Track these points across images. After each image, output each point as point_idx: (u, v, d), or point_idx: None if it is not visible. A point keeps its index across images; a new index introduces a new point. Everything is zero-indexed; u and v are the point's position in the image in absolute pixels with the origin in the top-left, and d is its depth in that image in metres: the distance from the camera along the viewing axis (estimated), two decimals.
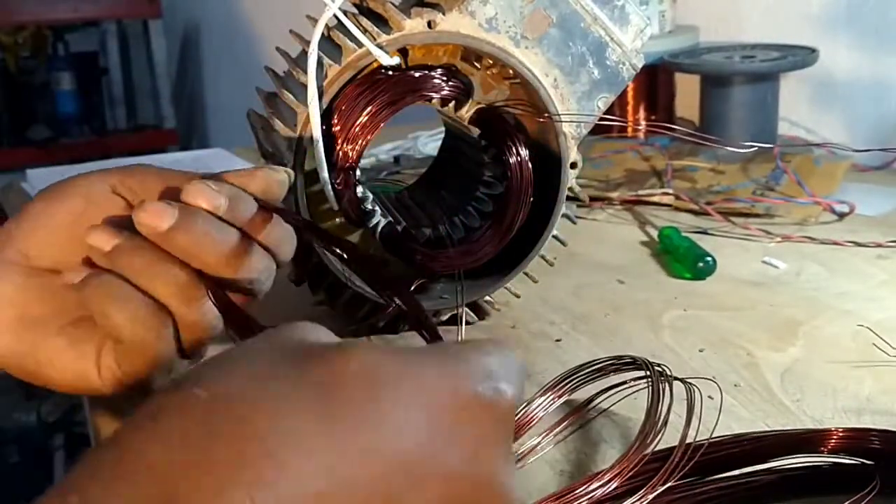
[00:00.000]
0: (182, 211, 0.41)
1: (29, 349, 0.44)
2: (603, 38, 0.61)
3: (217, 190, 0.43)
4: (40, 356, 0.44)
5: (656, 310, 0.67)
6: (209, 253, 0.42)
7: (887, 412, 0.51)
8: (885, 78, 1.06)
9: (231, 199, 0.43)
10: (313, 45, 0.56)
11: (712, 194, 0.89)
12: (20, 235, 0.45)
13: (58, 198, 0.46)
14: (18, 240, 0.45)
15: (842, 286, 0.70)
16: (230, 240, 0.43)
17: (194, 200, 0.42)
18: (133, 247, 0.42)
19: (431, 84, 0.60)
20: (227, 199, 0.43)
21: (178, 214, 0.41)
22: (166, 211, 0.41)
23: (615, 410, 0.53)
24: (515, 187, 0.63)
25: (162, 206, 0.41)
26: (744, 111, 1.04)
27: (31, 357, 0.44)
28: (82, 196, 0.45)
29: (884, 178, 0.96)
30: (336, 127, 0.58)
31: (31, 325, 0.44)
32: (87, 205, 0.45)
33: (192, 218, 0.42)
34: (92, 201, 0.45)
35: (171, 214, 0.41)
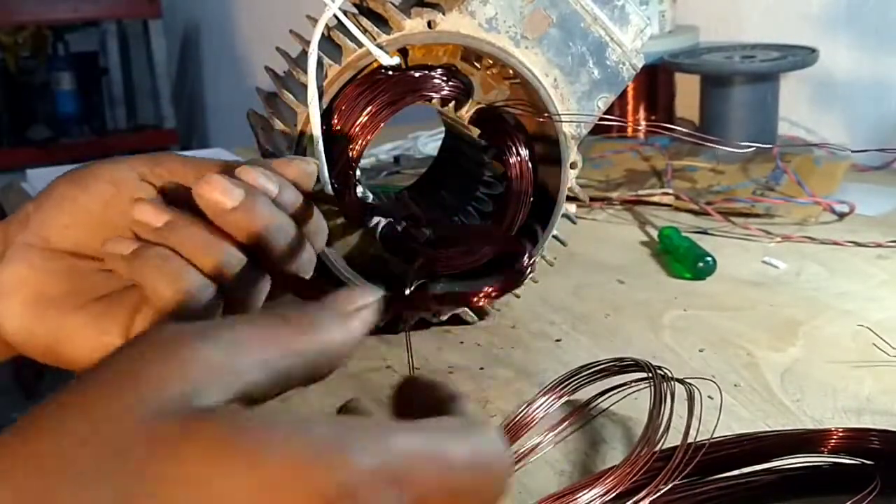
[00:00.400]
0: (246, 190, 0.41)
1: (49, 328, 0.44)
2: (603, 38, 0.61)
3: (267, 176, 0.43)
4: (60, 334, 0.44)
5: (656, 310, 0.67)
6: (272, 236, 0.42)
7: (887, 412, 0.51)
8: (885, 78, 1.06)
9: (280, 186, 0.43)
10: (313, 45, 0.56)
11: (712, 194, 0.89)
12: (40, 219, 0.45)
13: (83, 182, 0.45)
14: (38, 223, 0.45)
15: (842, 286, 0.70)
16: (285, 224, 0.43)
17: (250, 181, 0.42)
18: (186, 222, 0.41)
19: (431, 84, 0.60)
20: (276, 186, 0.43)
21: (242, 193, 0.41)
22: (232, 189, 0.40)
23: (615, 411, 0.53)
24: (515, 187, 0.63)
25: (227, 182, 0.41)
26: (744, 111, 1.04)
27: (50, 335, 0.44)
28: (110, 181, 0.45)
29: (884, 178, 0.96)
30: (336, 127, 0.58)
31: (49, 304, 0.44)
32: (115, 190, 0.44)
33: (255, 198, 0.41)
34: (121, 187, 0.44)
35: (238, 193, 0.41)
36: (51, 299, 0.44)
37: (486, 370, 0.59)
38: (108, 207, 0.44)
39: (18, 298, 0.44)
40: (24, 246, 0.45)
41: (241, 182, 0.42)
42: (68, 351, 0.44)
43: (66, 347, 0.44)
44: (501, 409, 0.54)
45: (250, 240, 0.42)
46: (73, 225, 0.45)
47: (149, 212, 0.42)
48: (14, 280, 0.44)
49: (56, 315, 0.44)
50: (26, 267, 0.44)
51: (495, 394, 0.56)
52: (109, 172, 0.45)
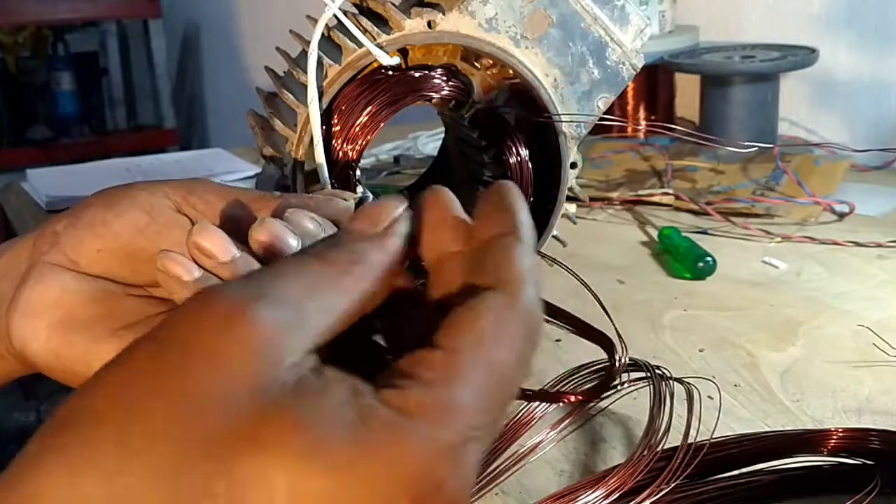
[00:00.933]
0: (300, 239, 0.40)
1: (76, 352, 0.43)
2: (603, 38, 0.61)
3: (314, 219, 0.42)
4: (90, 359, 0.43)
5: (656, 310, 0.67)
6: None
7: (887, 412, 0.51)
8: (885, 78, 1.06)
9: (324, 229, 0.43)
10: (313, 45, 0.56)
11: (712, 194, 0.89)
12: (70, 241, 0.44)
13: (116, 208, 0.44)
14: (68, 245, 0.44)
15: (842, 286, 0.70)
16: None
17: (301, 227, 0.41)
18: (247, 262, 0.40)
19: (431, 84, 0.60)
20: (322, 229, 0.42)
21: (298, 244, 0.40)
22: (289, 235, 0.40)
23: (614, 410, 0.53)
24: None
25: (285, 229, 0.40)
26: (744, 111, 1.04)
27: (79, 361, 0.43)
28: (144, 210, 0.44)
29: (884, 178, 0.96)
30: (336, 127, 0.58)
31: (80, 329, 0.43)
32: (150, 220, 0.44)
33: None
34: (155, 217, 0.44)
35: (295, 242, 0.40)
36: (79, 324, 0.43)
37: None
38: (140, 237, 0.43)
39: (46, 320, 0.43)
40: (54, 266, 0.44)
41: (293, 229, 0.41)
42: None
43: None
44: None
45: None
46: (104, 250, 0.44)
47: (216, 242, 0.40)
48: (42, 301, 0.43)
49: (85, 340, 0.43)
50: (57, 288, 0.43)
51: None
52: (144, 199, 0.44)
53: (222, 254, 0.40)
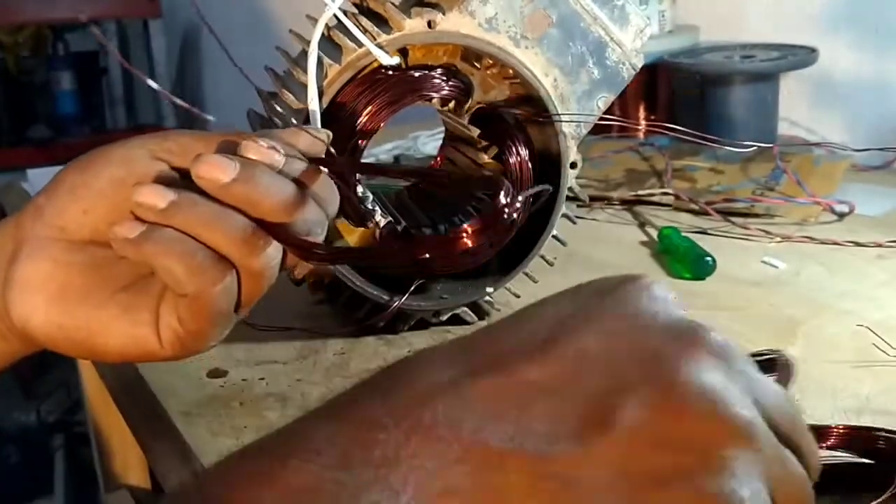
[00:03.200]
0: (242, 163, 0.42)
1: (78, 322, 0.44)
2: (603, 37, 0.61)
3: (272, 145, 0.43)
4: (93, 326, 0.44)
5: None
6: (270, 201, 0.42)
7: (887, 412, 0.51)
8: (885, 78, 1.06)
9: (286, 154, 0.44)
10: (313, 45, 0.56)
11: (712, 194, 0.89)
12: (54, 210, 0.44)
13: (94, 167, 0.45)
14: (52, 214, 0.44)
15: (842, 286, 0.70)
16: (288, 189, 0.43)
17: (252, 154, 0.43)
18: (190, 201, 0.42)
19: (431, 84, 0.60)
20: (282, 155, 0.43)
21: (238, 167, 0.41)
22: (228, 163, 0.41)
23: None
24: (515, 187, 0.63)
25: (222, 158, 0.41)
26: (744, 111, 1.04)
27: (82, 329, 0.44)
28: (121, 163, 0.44)
29: (884, 178, 0.96)
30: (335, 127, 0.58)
31: (78, 298, 0.44)
32: (128, 171, 0.44)
33: (252, 169, 0.42)
34: (132, 167, 0.44)
35: (233, 167, 0.41)
36: (77, 293, 0.44)
37: None
38: (122, 189, 0.43)
39: (43, 294, 0.44)
40: (42, 239, 0.44)
41: (236, 157, 0.42)
42: (101, 344, 0.44)
43: (100, 340, 0.44)
44: None
45: (254, 209, 0.42)
46: (90, 210, 0.44)
47: (150, 194, 0.42)
48: (37, 276, 0.44)
49: (84, 309, 0.44)
50: (48, 261, 0.44)
51: None
52: (119, 153, 0.45)
53: (159, 201, 0.41)
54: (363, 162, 0.52)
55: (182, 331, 0.44)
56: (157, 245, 0.41)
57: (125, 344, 0.44)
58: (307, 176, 0.45)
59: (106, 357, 0.45)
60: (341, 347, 0.62)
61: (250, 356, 0.62)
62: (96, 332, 0.44)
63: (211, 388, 0.58)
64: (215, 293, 0.42)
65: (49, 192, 0.45)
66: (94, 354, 0.45)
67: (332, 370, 0.60)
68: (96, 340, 0.44)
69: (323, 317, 0.65)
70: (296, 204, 0.43)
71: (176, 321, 0.43)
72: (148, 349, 0.44)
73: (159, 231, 0.42)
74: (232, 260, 0.42)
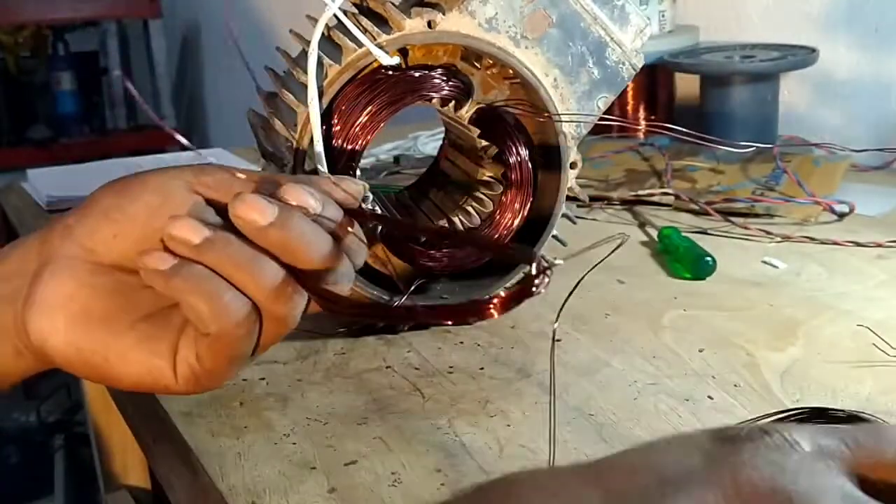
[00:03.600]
0: (280, 208, 0.42)
1: (98, 346, 0.43)
2: (603, 37, 0.61)
3: (310, 193, 0.43)
4: (110, 353, 0.43)
5: (656, 310, 0.67)
6: (306, 250, 0.42)
7: (887, 412, 0.51)
8: (885, 78, 1.06)
9: (324, 204, 0.44)
10: (313, 45, 0.56)
11: (712, 194, 0.89)
12: (84, 231, 0.44)
13: (129, 192, 0.44)
14: (83, 235, 0.44)
15: (842, 286, 0.70)
16: (324, 239, 0.43)
17: (293, 199, 0.43)
18: (225, 241, 0.41)
19: (431, 84, 0.60)
20: (320, 203, 0.43)
21: (277, 211, 0.41)
22: (267, 206, 0.41)
23: (614, 409, 0.53)
24: (515, 187, 0.63)
25: (261, 199, 0.41)
26: (744, 111, 1.04)
27: (99, 354, 0.43)
28: (158, 192, 0.44)
29: (884, 178, 0.96)
30: (336, 127, 0.58)
31: (99, 322, 0.43)
32: (163, 200, 0.43)
33: (290, 215, 0.42)
34: (169, 197, 0.44)
35: (272, 210, 0.41)
36: (98, 317, 0.43)
37: (486, 370, 0.59)
38: (156, 217, 0.43)
39: (64, 314, 0.43)
40: (69, 258, 0.43)
41: (276, 201, 0.42)
42: (117, 371, 0.44)
43: (115, 367, 0.43)
44: (501, 409, 0.54)
45: (287, 256, 0.42)
46: (120, 235, 0.43)
47: (186, 228, 0.41)
48: (60, 295, 0.43)
49: (104, 334, 0.43)
50: (73, 281, 0.43)
51: (495, 394, 0.56)
52: (156, 182, 0.44)
53: (193, 236, 0.41)
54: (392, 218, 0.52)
55: (199, 368, 0.43)
56: (187, 282, 0.41)
57: (140, 374, 0.44)
58: (341, 227, 0.45)
59: (119, 384, 0.44)
60: (341, 347, 0.63)
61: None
62: (113, 359, 0.43)
63: None
64: (238, 335, 0.42)
65: (81, 213, 0.44)
66: (107, 380, 0.44)
67: (332, 370, 0.60)
68: (112, 367, 0.43)
69: (323, 317, 0.65)
70: (331, 257, 0.43)
71: (194, 357, 0.43)
72: (162, 382, 0.44)
73: (189, 267, 0.41)
74: (258, 304, 0.42)
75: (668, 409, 0.53)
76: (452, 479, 0.47)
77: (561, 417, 0.53)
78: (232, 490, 0.47)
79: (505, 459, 0.49)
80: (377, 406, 0.55)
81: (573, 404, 0.54)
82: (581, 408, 0.54)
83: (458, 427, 0.52)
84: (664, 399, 0.54)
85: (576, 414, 0.53)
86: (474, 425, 0.52)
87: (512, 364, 0.60)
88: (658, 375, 0.57)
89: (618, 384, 0.56)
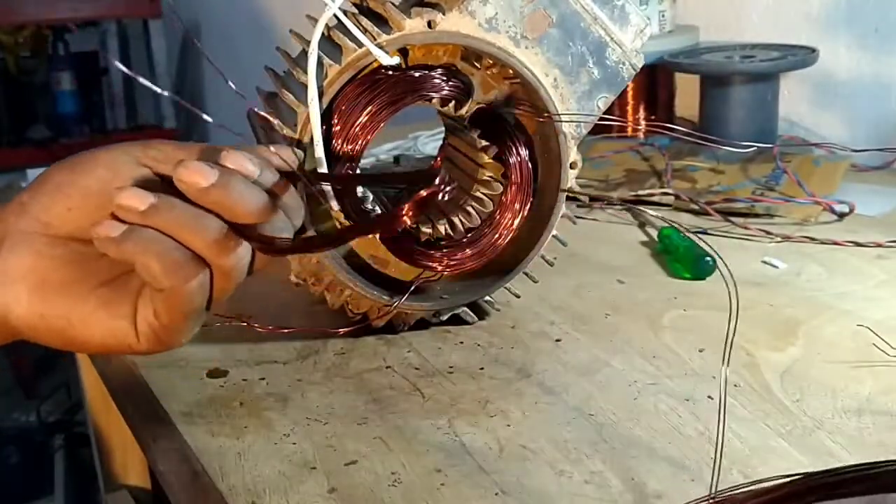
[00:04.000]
0: (220, 171, 0.45)
1: (59, 313, 0.46)
2: (603, 37, 0.61)
3: (249, 158, 0.47)
4: (73, 318, 0.46)
5: (656, 310, 0.67)
6: (243, 206, 0.45)
7: (887, 412, 0.51)
8: (885, 78, 1.06)
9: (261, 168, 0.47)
10: (313, 45, 0.56)
11: (712, 194, 0.89)
12: (38, 206, 0.47)
13: (80, 168, 0.47)
14: (37, 210, 0.47)
15: (841, 286, 0.70)
16: (260, 196, 0.47)
17: (231, 164, 0.46)
18: (168, 204, 0.45)
19: (431, 84, 0.60)
20: (257, 167, 0.47)
21: (217, 174, 0.45)
22: (207, 170, 0.45)
23: (614, 411, 0.53)
24: (515, 187, 0.63)
25: (202, 164, 0.45)
26: (744, 111, 1.04)
27: (63, 319, 0.46)
28: (108, 167, 0.47)
29: (884, 178, 0.96)
30: (336, 127, 0.58)
31: (59, 290, 0.46)
32: (113, 174, 0.47)
33: (229, 177, 0.45)
34: (118, 171, 0.47)
35: (212, 173, 0.44)
36: (58, 285, 0.46)
37: (486, 370, 0.59)
38: (107, 190, 0.46)
39: (26, 285, 0.46)
40: (26, 234, 0.46)
41: (216, 164, 0.45)
42: (81, 335, 0.46)
43: (79, 332, 0.46)
44: (501, 409, 0.54)
45: (226, 212, 0.45)
46: (74, 208, 0.46)
47: (132, 197, 0.44)
48: (20, 268, 0.46)
49: (65, 301, 0.46)
50: (31, 254, 0.46)
51: (495, 394, 0.56)
52: (106, 157, 0.47)
53: (139, 203, 0.44)
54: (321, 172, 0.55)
55: (157, 324, 0.46)
56: (137, 244, 0.44)
57: (104, 335, 0.46)
58: (277, 188, 0.48)
59: (86, 347, 0.48)
60: (341, 347, 0.63)
61: (250, 356, 0.62)
62: (76, 324, 0.46)
63: (211, 388, 0.58)
64: (190, 289, 0.45)
65: (34, 190, 0.48)
66: (73, 345, 0.47)
67: (332, 370, 0.60)
68: (76, 331, 0.46)
69: (323, 317, 0.65)
70: (266, 210, 0.47)
71: (152, 315, 0.46)
72: (125, 342, 0.47)
73: (139, 231, 0.44)
74: (205, 258, 0.46)
75: (668, 409, 0.53)
76: (452, 479, 0.47)
77: (561, 417, 0.53)
78: (232, 490, 0.47)
79: (505, 459, 0.49)
80: (377, 406, 0.55)
81: (573, 404, 0.54)
82: (581, 408, 0.54)
83: (458, 427, 0.52)
84: (664, 399, 0.54)
85: (576, 414, 0.53)
86: (474, 425, 0.52)
87: (512, 364, 0.60)
88: (658, 375, 0.57)
89: (618, 384, 0.56)
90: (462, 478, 0.47)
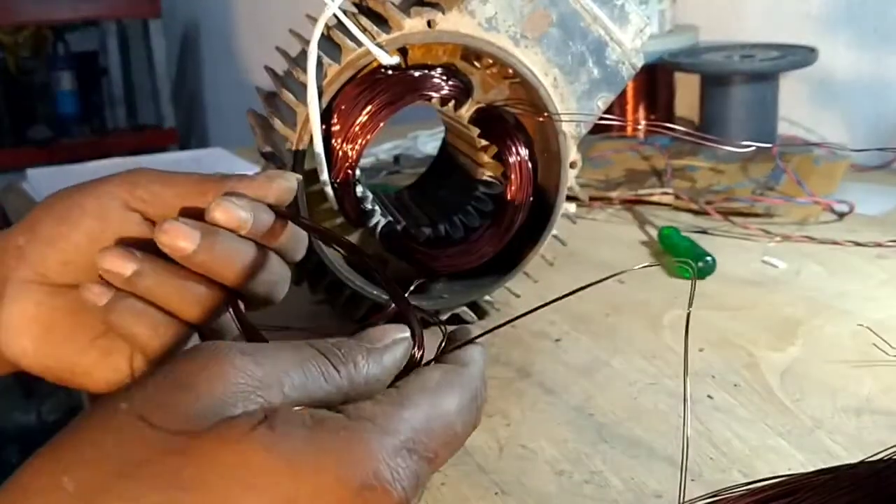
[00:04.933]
0: (203, 231, 0.42)
1: (63, 363, 0.46)
2: (602, 37, 0.61)
3: (240, 206, 0.43)
4: (76, 369, 0.46)
5: (656, 310, 0.67)
6: (229, 270, 0.43)
7: (887, 412, 0.51)
8: (885, 78, 1.06)
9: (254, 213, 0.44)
10: (313, 45, 0.56)
11: (712, 194, 0.89)
12: (36, 257, 0.46)
13: (69, 221, 0.46)
14: (34, 261, 0.46)
15: (841, 286, 0.70)
16: (249, 254, 0.44)
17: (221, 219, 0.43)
18: (153, 270, 0.43)
19: (431, 84, 0.60)
20: (250, 216, 0.43)
21: (199, 237, 0.42)
22: (189, 233, 0.42)
23: (614, 411, 0.53)
24: (515, 187, 0.63)
25: (184, 227, 0.42)
26: (744, 111, 1.04)
27: (66, 371, 0.46)
28: (96, 216, 0.45)
29: (884, 178, 0.96)
30: (336, 127, 0.58)
31: (62, 341, 0.46)
32: (103, 226, 0.45)
33: (213, 238, 0.43)
34: (107, 221, 0.45)
35: (194, 237, 0.42)
36: (61, 336, 0.46)
37: (486, 370, 0.59)
38: (98, 243, 0.45)
39: (30, 337, 0.46)
40: (26, 283, 0.45)
41: (199, 224, 0.42)
42: (85, 382, 0.47)
43: (83, 380, 0.47)
44: (501, 409, 0.54)
45: (217, 277, 0.44)
46: (69, 262, 0.45)
47: (115, 261, 0.43)
48: (22, 318, 0.46)
49: (68, 354, 0.46)
50: (32, 304, 0.46)
51: (495, 394, 0.56)
52: (92, 205, 0.45)
53: (122, 269, 0.43)
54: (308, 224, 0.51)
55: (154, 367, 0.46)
56: (122, 317, 0.44)
57: (107, 383, 0.47)
58: (271, 232, 0.45)
59: (90, 391, 0.48)
60: None
61: None
62: (80, 374, 0.46)
63: None
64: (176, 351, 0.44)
65: (29, 235, 0.46)
66: (81, 388, 0.48)
67: None
68: (81, 380, 0.47)
69: (323, 317, 0.65)
70: (255, 269, 0.44)
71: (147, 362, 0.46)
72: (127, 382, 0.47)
73: (123, 302, 0.43)
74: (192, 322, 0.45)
75: (667, 409, 0.53)
76: (452, 479, 0.47)
77: (561, 417, 0.53)
78: None
79: (505, 459, 0.49)
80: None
81: (573, 404, 0.54)
82: (581, 408, 0.54)
83: None
84: (664, 399, 0.54)
85: (576, 414, 0.53)
86: None
87: (512, 364, 0.60)
88: (658, 375, 0.57)
89: (618, 384, 0.56)
90: (462, 477, 0.47)
